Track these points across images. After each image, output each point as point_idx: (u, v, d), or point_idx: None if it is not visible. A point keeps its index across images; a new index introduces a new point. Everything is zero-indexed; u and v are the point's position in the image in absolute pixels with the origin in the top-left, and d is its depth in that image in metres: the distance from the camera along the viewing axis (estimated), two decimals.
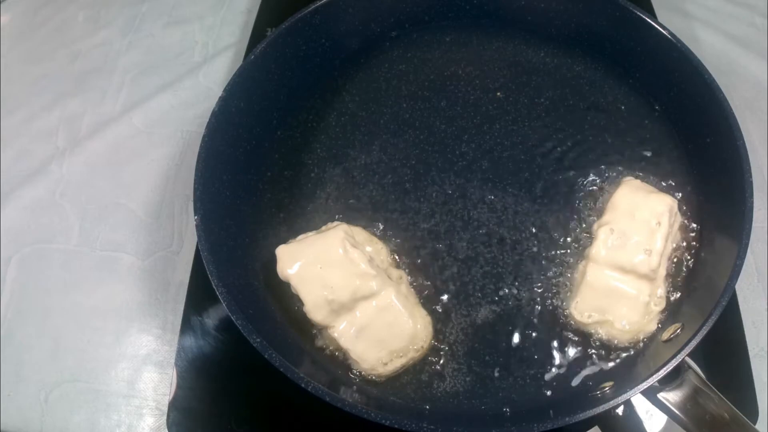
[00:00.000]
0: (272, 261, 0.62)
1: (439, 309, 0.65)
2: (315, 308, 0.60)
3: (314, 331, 0.63)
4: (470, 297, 0.66)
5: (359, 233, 0.67)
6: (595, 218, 0.69)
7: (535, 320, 0.65)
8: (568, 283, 0.66)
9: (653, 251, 0.62)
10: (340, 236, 0.62)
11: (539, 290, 0.66)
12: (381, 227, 0.70)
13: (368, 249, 0.65)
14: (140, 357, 0.74)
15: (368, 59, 0.82)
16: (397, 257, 0.68)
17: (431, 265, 0.68)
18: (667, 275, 0.65)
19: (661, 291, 0.63)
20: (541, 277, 0.67)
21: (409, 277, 0.67)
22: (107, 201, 0.84)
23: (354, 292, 0.60)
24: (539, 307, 0.65)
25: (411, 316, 0.61)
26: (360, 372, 0.61)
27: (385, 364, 0.61)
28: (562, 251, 0.68)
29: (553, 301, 0.65)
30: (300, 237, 0.65)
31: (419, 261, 0.68)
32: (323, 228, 0.67)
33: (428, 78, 0.81)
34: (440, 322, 0.65)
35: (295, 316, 0.63)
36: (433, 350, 0.63)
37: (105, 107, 0.93)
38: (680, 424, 0.55)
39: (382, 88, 0.80)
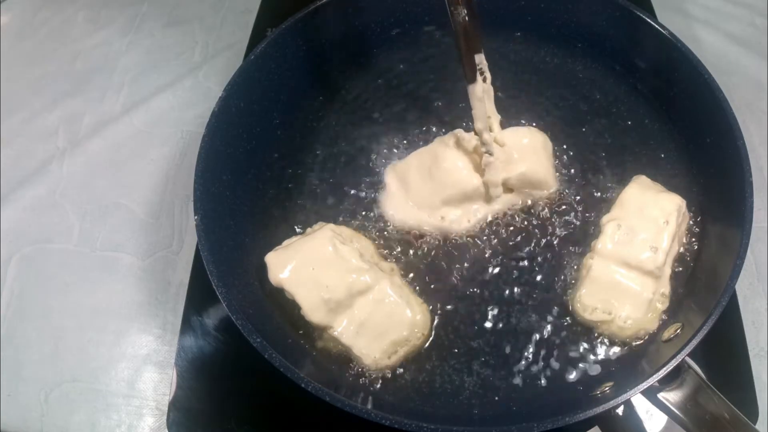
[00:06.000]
0: None
1: (438, 309, 0.65)
2: (313, 310, 0.60)
3: (314, 334, 0.63)
4: (470, 296, 0.66)
5: (344, 230, 0.67)
6: (596, 217, 0.69)
7: (537, 320, 0.65)
8: (571, 281, 0.66)
9: (660, 249, 0.62)
10: (328, 235, 0.62)
11: (541, 288, 0.66)
12: (379, 227, 0.70)
13: (356, 246, 0.65)
14: (140, 357, 0.74)
15: (368, 59, 0.82)
16: (389, 254, 0.68)
17: (430, 264, 0.68)
18: (671, 274, 0.65)
19: (665, 290, 0.63)
20: (544, 275, 0.67)
21: (402, 272, 0.67)
22: (107, 201, 0.85)
23: (349, 287, 0.60)
24: (541, 306, 0.65)
25: (408, 305, 0.62)
26: (364, 368, 0.61)
27: (389, 356, 0.61)
28: (565, 249, 0.68)
29: (555, 299, 0.65)
30: (285, 242, 0.65)
31: (418, 259, 0.68)
32: (308, 231, 0.67)
33: (428, 78, 0.81)
34: (440, 321, 0.65)
35: (295, 316, 0.63)
36: (433, 350, 0.63)
37: (105, 107, 0.94)
38: (680, 424, 0.55)
39: (382, 88, 0.80)
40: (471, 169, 0.67)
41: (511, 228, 0.69)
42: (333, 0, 0.75)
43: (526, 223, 0.70)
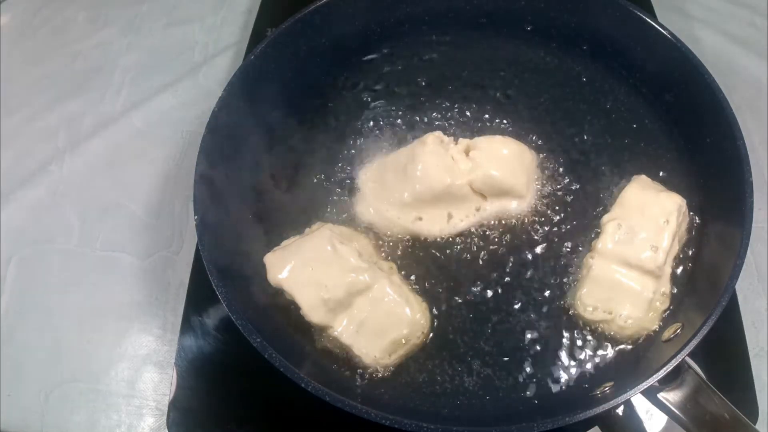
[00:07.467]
0: None
1: (438, 308, 0.65)
2: (312, 310, 0.60)
3: (314, 334, 0.63)
4: (470, 295, 0.66)
5: (343, 230, 0.67)
6: (596, 217, 0.69)
7: (537, 319, 0.65)
8: (571, 280, 0.66)
9: (660, 248, 0.63)
10: (326, 235, 0.62)
11: (541, 288, 0.66)
12: (377, 226, 0.70)
13: (354, 245, 0.65)
14: (140, 357, 0.74)
15: (368, 59, 0.82)
16: (389, 253, 0.68)
17: (430, 263, 0.68)
18: (671, 274, 0.65)
19: (665, 289, 0.63)
20: (544, 274, 0.67)
21: (403, 272, 0.67)
22: (107, 201, 0.85)
23: (349, 287, 0.60)
24: (541, 306, 0.65)
25: (407, 304, 0.62)
26: (364, 368, 0.61)
27: (390, 355, 0.61)
28: (565, 248, 0.68)
29: (556, 298, 0.65)
30: (284, 242, 0.65)
31: (418, 259, 0.68)
32: (307, 231, 0.67)
33: (428, 78, 0.81)
34: (440, 320, 0.65)
35: (295, 316, 0.63)
36: (433, 349, 0.63)
37: (105, 107, 0.94)
38: (680, 424, 0.55)
39: (382, 89, 0.80)
40: (445, 168, 0.66)
41: (511, 228, 0.69)
42: (333, 0, 0.75)
43: (528, 223, 0.70)
